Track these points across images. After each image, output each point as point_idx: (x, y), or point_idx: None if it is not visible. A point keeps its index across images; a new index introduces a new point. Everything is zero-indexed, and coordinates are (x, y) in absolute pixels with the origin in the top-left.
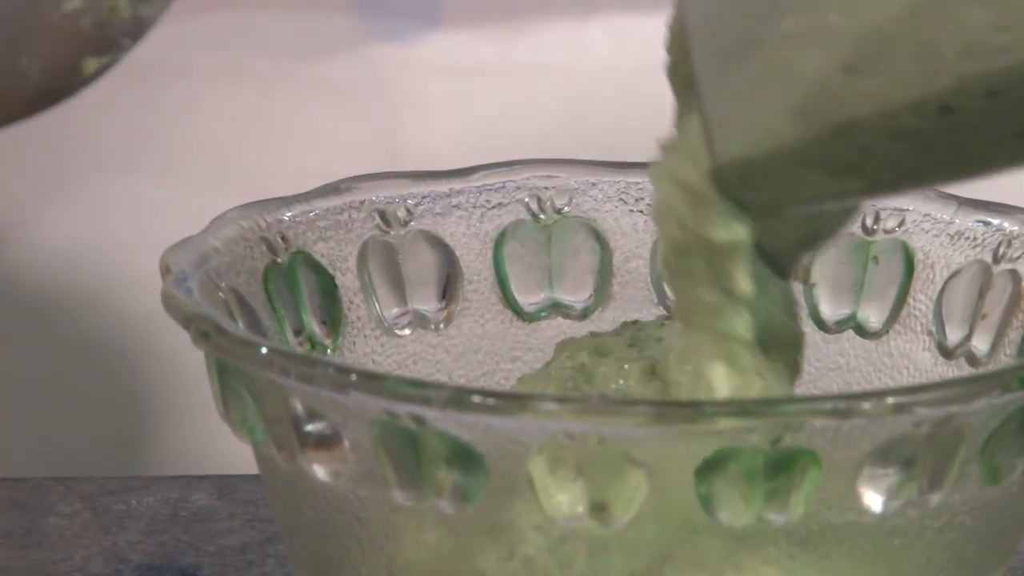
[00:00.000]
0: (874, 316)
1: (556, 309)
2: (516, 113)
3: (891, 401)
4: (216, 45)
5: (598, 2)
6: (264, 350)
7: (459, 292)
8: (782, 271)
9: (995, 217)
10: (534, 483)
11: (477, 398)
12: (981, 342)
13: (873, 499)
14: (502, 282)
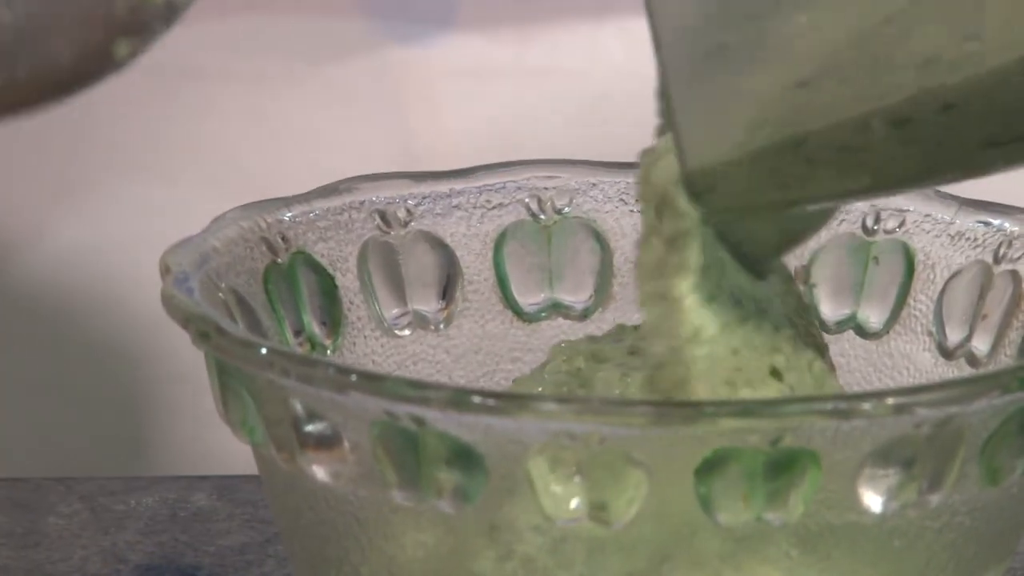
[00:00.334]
0: (874, 316)
1: (556, 310)
2: (529, 116)
3: (891, 402)
4: (229, 48)
5: (611, 5)
6: (264, 350)
7: (459, 292)
8: (758, 272)
9: (996, 217)
10: (534, 483)
11: (477, 399)
12: (981, 343)
13: (873, 500)
14: (502, 283)
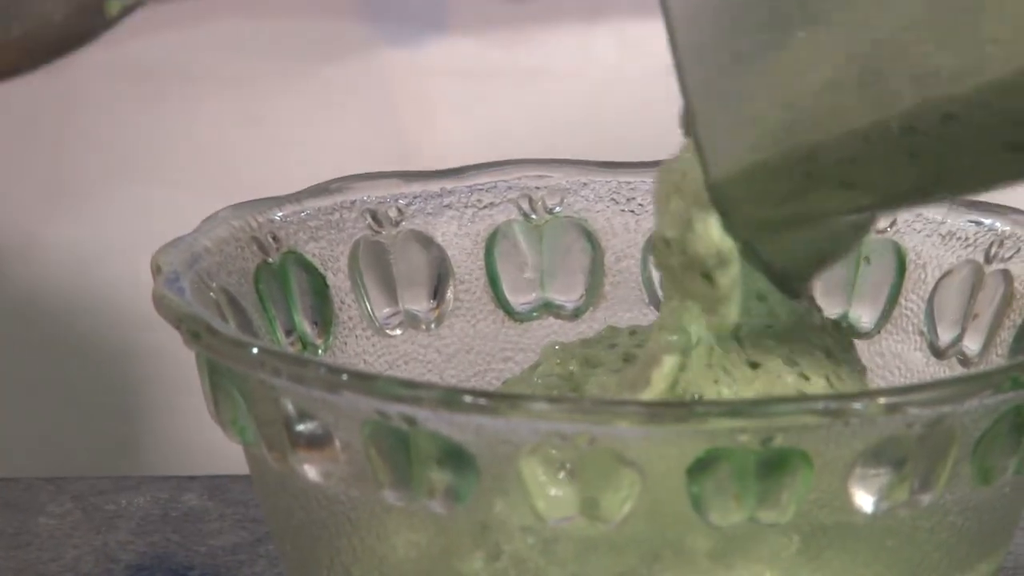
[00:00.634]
0: (866, 316)
1: (548, 309)
2: (523, 118)
3: (883, 401)
4: (221, 50)
5: (605, 7)
6: (255, 350)
7: (450, 292)
8: (792, 291)
9: (987, 217)
10: (525, 483)
11: (468, 398)
12: (973, 342)
13: (865, 499)
14: (493, 282)
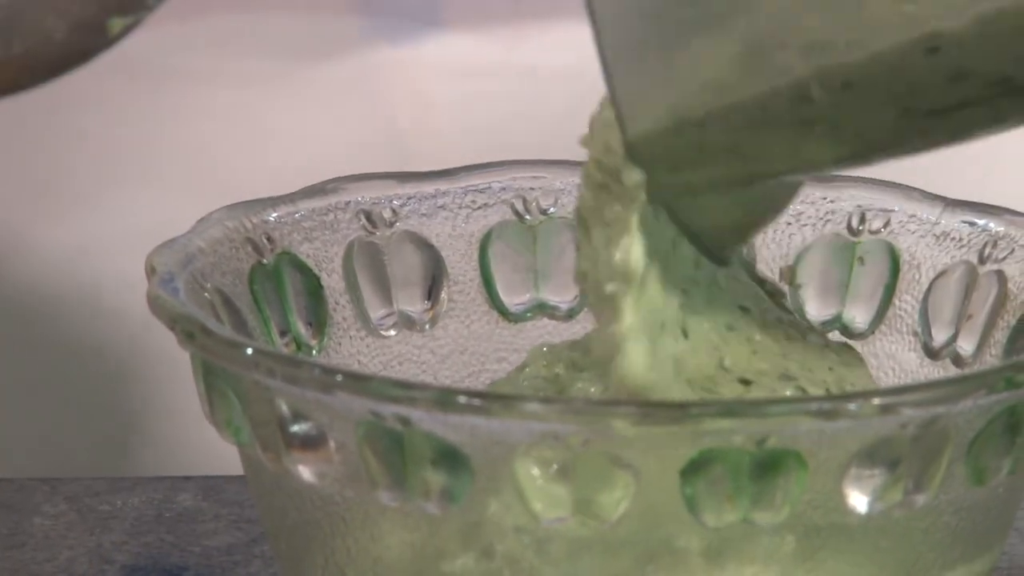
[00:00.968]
0: (860, 317)
1: (542, 310)
2: (518, 115)
3: (877, 402)
4: (216, 47)
5: None
6: (250, 351)
7: (445, 293)
8: (719, 259)
9: (981, 218)
10: (520, 484)
11: (463, 399)
12: (967, 343)
13: (859, 500)
14: (488, 283)
